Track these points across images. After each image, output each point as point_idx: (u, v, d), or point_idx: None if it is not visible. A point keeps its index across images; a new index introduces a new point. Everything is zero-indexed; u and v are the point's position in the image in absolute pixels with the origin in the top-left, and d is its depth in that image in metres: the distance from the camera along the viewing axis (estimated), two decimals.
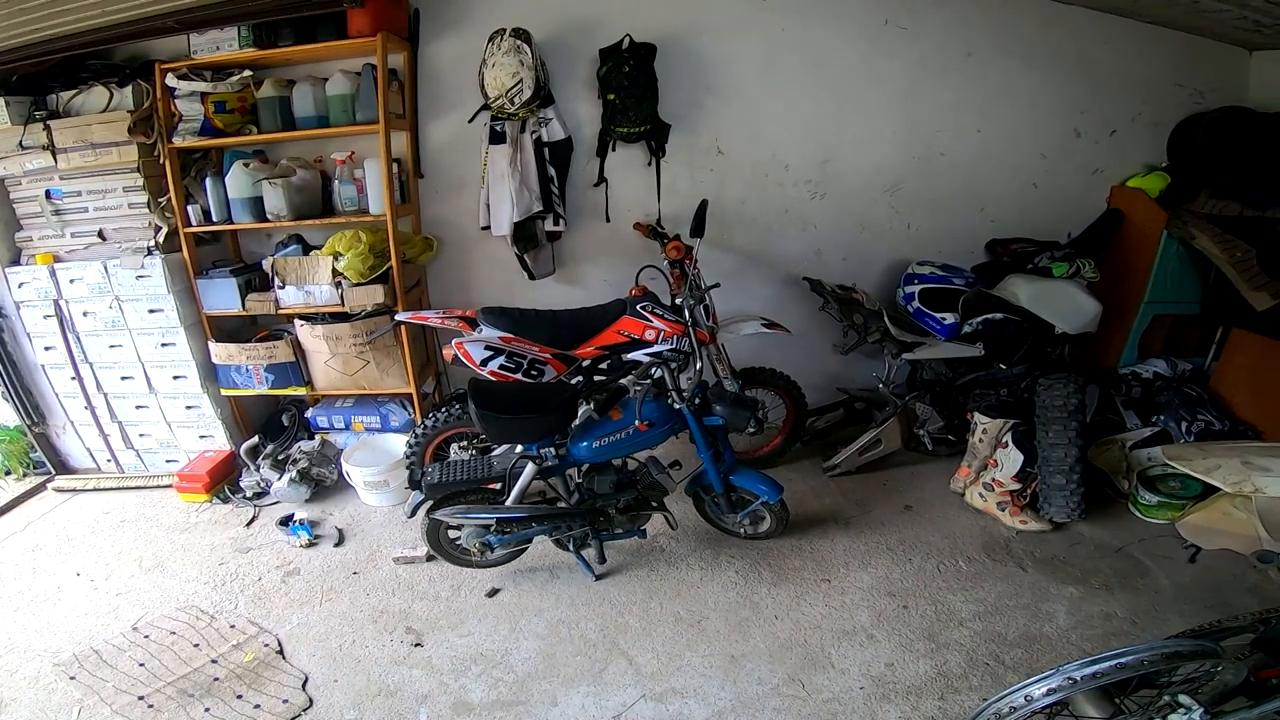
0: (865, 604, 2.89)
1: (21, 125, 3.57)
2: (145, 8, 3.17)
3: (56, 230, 3.79)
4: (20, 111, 3.59)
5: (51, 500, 4.10)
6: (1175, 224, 3.71)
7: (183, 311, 3.81)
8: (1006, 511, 3.32)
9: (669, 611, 2.90)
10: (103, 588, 3.24)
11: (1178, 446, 3.33)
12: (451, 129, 3.88)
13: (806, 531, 3.37)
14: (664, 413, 2.87)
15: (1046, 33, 3.80)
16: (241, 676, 2.65)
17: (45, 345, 3.95)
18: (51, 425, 4.30)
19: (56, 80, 3.64)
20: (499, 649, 2.75)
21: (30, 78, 3.65)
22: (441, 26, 3.74)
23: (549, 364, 3.36)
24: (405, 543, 3.39)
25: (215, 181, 3.68)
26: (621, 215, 4.01)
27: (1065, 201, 4.13)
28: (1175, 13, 3.59)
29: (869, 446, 3.78)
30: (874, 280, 4.20)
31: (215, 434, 4.11)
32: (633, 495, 2.96)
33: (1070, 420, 3.24)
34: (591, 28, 3.67)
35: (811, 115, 3.92)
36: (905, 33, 3.78)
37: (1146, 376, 3.85)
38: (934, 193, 4.09)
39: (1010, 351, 3.65)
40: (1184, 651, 1.59)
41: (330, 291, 3.70)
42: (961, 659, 2.58)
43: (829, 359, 4.24)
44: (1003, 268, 3.95)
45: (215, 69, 3.55)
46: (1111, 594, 2.87)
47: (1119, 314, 3.92)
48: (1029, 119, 3.97)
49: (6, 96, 3.55)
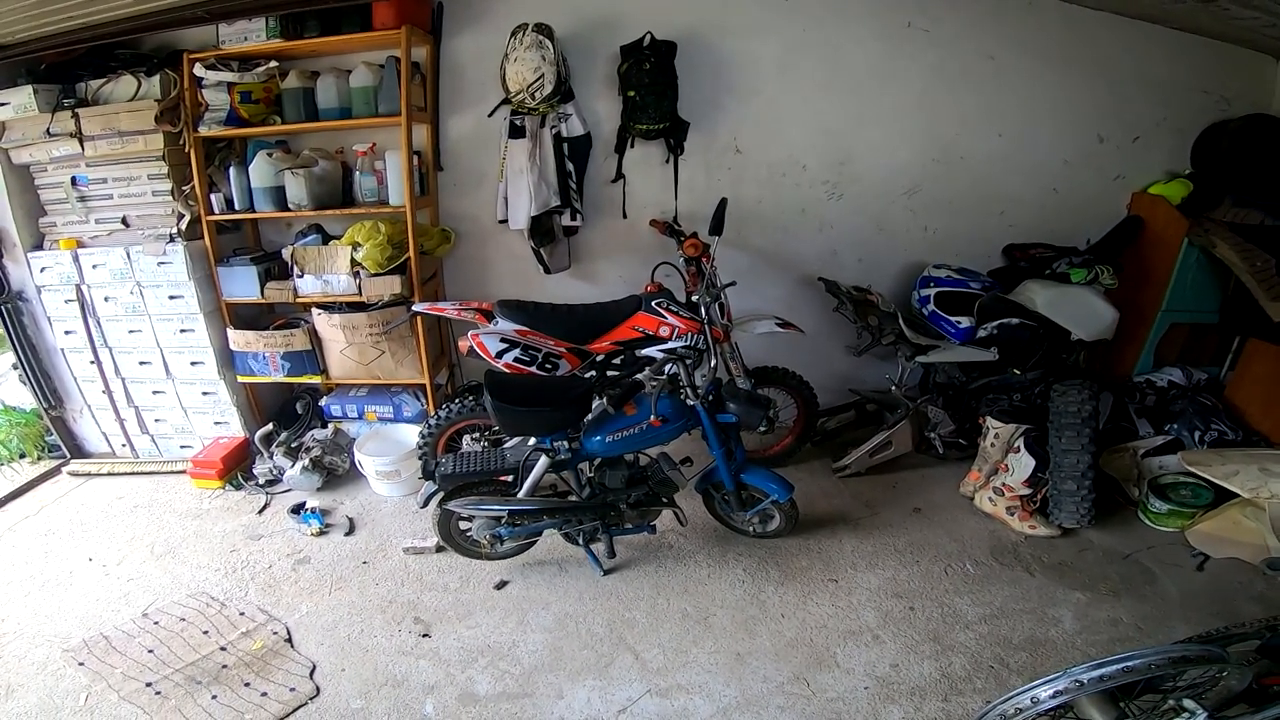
0: (872, 605, 2.89)
1: (49, 113, 3.60)
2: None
3: (80, 216, 3.84)
4: (48, 99, 3.62)
5: (66, 484, 4.14)
6: (1197, 232, 3.68)
7: (202, 298, 3.85)
8: (1016, 516, 3.31)
9: (676, 608, 2.91)
10: (114, 573, 3.28)
11: (1196, 452, 3.32)
12: (471, 123, 3.91)
13: (815, 531, 3.37)
14: (678, 409, 2.87)
15: (1069, 37, 3.77)
16: (249, 664, 2.68)
17: (65, 329, 4.00)
18: (68, 409, 4.35)
19: (85, 69, 3.68)
20: (506, 641, 2.76)
21: (59, 66, 3.70)
22: (464, 20, 3.78)
23: (564, 358, 3.38)
24: (415, 533, 3.41)
25: (239, 170, 3.74)
26: (638, 212, 4.02)
27: (1085, 207, 4.09)
28: (1202, 19, 3.54)
29: (880, 448, 3.77)
30: (889, 282, 4.18)
31: (230, 420, 4.15)
32: (644, 491, 2.97)
33: (1083, 427, 3.22)
34: (613, 24, 3.69)
35: (830, 116, 3.92)
36: (926, 35, 3.77)
37: (1161, 385, 3.82)
38: (952, 195, 4.08)
39: (1025, 357, 3.63)
40: (1191, 656, 1.59)
41: (348, 281, 3.73)
42: (966, 661, 2.58)
43: (841, 359, 4.24)
44: (1020, 272, 3.92)
45: (242, 59, 3.60)
46: (1118, 600, 2.86)
47: (1136, 321, 3.89)
48: (1050, 123, 3.94)
49: (35, 85, 3.59)
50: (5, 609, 3.07)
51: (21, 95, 3.59)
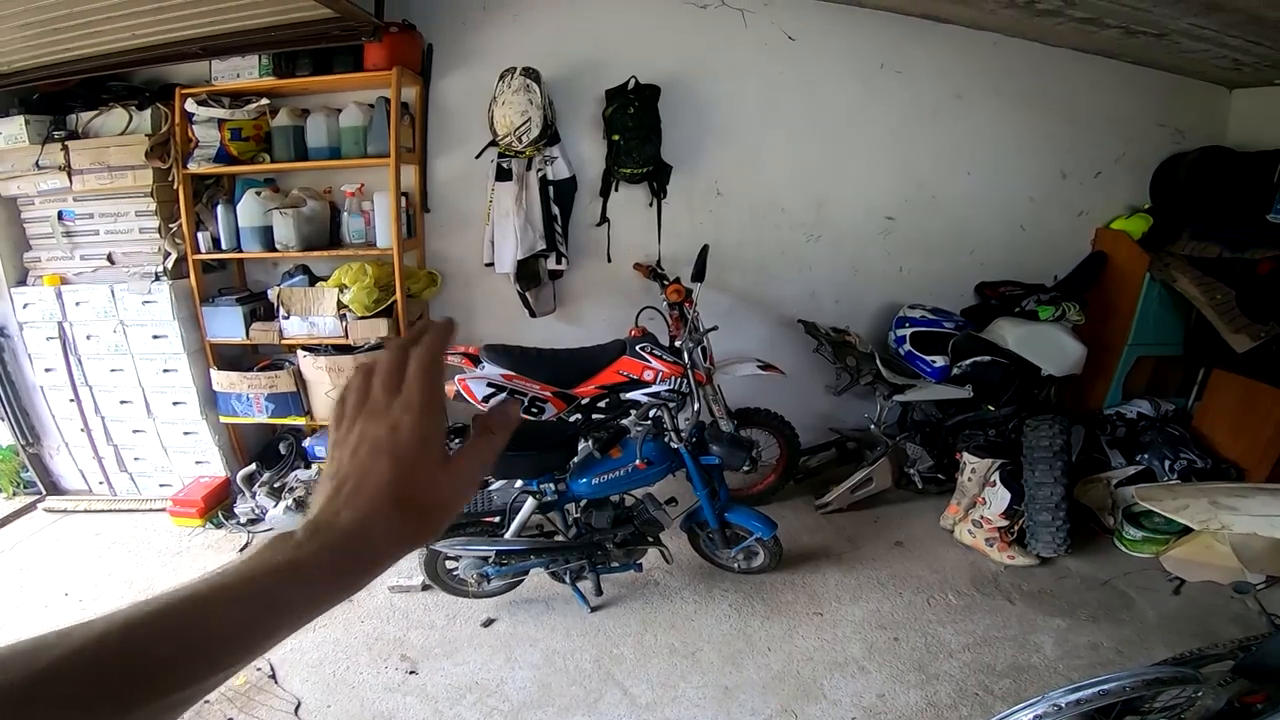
0: (857, 636, 2.92)
1: (39, 145, 3.60)
2: (174, 32, 3.25)
3: (66, 252, 3.82)
4: (39, 130, 3.62)
5: (41, 520, 4.08)
6: (1157, 266, 3.82)
7: (186, 338, 3.83)
8: (994, 547, 3.37)
9: (663, 643, 2.93)
10: (91, 608, 3.22)
11: (1148, 487, 3.35)
12: (459, 164, 3.95)
13: (799, 566, 3.40)
14: (663, 452, 2.91)
15: (1032, 74, 3.93)
16: (233, 700, 2.64)
17: (46, 367, 3.95)
18: (46, 446, 4.29)
19: (77, 100, 3.69)
20: (494, 678, 2.76)
21: (51, 97, 3.71)
22: (453, 62, 3.83)
23: (549, 402, 3.40)
24: (400, 571, 3.37)
25: (226, 209, 3.74)
26: (622, 255, 4.06)
27: (1052, 243, 4.24)
28: (1156, 52, 3.68)
29: (861, 485, 3.82)
30: (866, 322, 4.28)
31: (211, 460, 4.11)
32: (630, 530, 2.99)
33: (1056, 460, 3.31)
34: (598, 68, 3.77)
35: (808, 157, 4.03)
36: (899, 76, 3.91)
37: (1131, 417, 3.93)
38: (925, 235, 4.19)
39: (998, 393, 3.73)
40: (1164, 678, 1.64)
41: (334, 323, 3.74)
42: (951, 689, 2.62)
43: (822, 399, 4.28)
44: (991, 310, 4.05)
45: (233, 96, 3.63)
46: (1098, 625, 2.93)
47: (1103, 355, 4.02)
48: (1016, 160, 4.09)
49: (27, 115, 3.59)
50: None
51: (13, 125, 3.59)
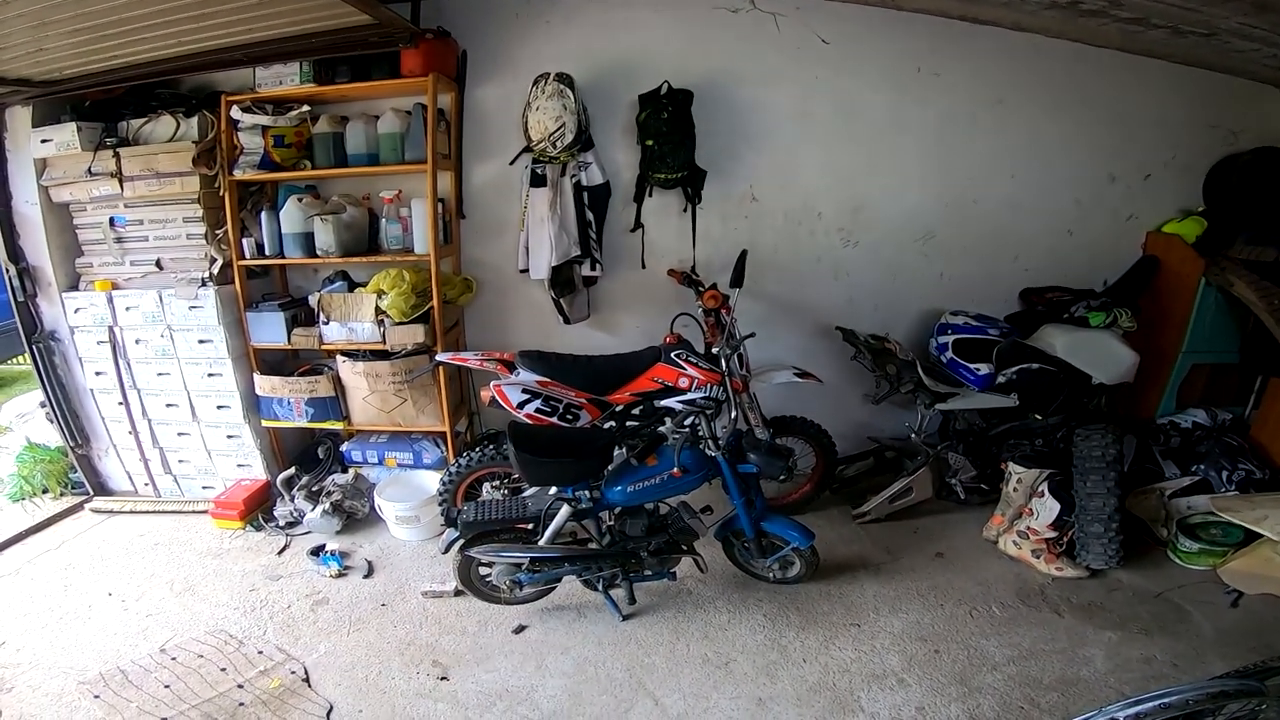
0: (895, 648, 2.85)
1: (91, 151, 3.70)
2: (218, 39, 3.32)
3: (116, 258, 3.93)
4: (91, 137, 3.73)
5: (88, 520, 4.18)
6: (1213, 271, 3.68)
7: (231, 343, 3.92)
8: (1041, 559, 3.27)
9: (696, 653, 2.88)
10: (133, 608, 3.29)
11: (1225, 498, 3.28)
12: (493, 170, 3.98)
13: (835, 577, 3.33)
14: (699, 460, 2.89)
15: (1075, 77, 3.81)
16: (266, 703, 2.66)
17: (96, 370, 4.07)
18: (94, 448, 4.40)
19: (127, 108, 3.79)
20: (524, 686, 2.74)
21: (102, 104, 3.82)
22: (488, 69, 3.87)
23: (584, 409, 3.38)
24: (434, 577, 3.41)
25: (269, 215, 3.82)
26: (656, 261, 4.05)
27: (1100, 248, 4.10)
28: (1205, 53, 3.55)
29: (899, 494, 3.74)
30: (906, 329, 4.19)
31: (253, 463, 4.19)
32: (664, 539, 2.98)
33: (1109, 470, 3.20)
34: (631, 73, 3.77)
35: (844, 162, 3.97)
36: (937, 80, 3.83)
37: (1186, 426, 3.79)
38: (966, 240, 4.10)
39: (1046, 402, 3.61)
40: (1230, 691, 1.57)
41: (372, 329, 3.78)
42: (995, 703, 2.53)
43: (859, 407, 4.22)
44: (1037, 317, 3.93)
45: (276, 103, 3.70)
46: (1151, 638, 2.82)
47: (1157, 363, 3.88)
48: (1062, 165, 3.97)
49: (79, 122, 3.69)
50: (23, 640, 3.08)
51: (65, 132, 3.69)
